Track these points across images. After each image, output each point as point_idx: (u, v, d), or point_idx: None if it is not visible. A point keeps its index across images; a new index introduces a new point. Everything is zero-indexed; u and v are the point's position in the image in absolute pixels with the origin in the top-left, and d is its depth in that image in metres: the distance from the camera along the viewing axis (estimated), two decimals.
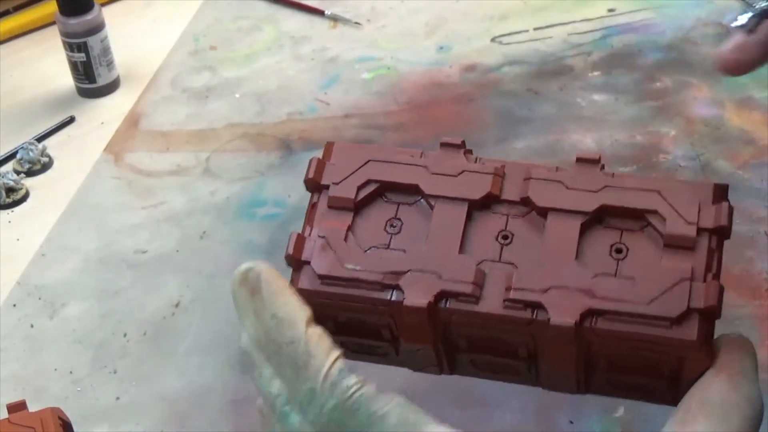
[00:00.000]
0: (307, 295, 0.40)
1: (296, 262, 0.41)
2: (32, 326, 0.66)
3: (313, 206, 0.42)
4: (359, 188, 0.41)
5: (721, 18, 0.87)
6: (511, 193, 0.41)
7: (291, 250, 0.41)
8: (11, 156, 0.80)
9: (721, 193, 0.40)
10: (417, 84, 0.84)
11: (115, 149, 0.80)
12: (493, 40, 0.88)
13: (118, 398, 0.61)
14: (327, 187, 0.42)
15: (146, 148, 0.80)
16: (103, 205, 0.75)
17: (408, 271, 0.39)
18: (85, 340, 0.65)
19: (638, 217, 0.40)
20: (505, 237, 0.40)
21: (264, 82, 0.86)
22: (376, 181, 0.42)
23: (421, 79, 0.85)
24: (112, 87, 0.87)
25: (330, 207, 0.42)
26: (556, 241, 0.39)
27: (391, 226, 0.41)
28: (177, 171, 0.78)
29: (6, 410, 0.52)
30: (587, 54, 0.85)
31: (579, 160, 0.43)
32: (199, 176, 0.77)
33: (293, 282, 0.41)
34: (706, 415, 0.37)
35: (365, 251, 0.40)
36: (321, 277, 0.40)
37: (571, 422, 0.57)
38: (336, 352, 0.37)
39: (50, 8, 0.92)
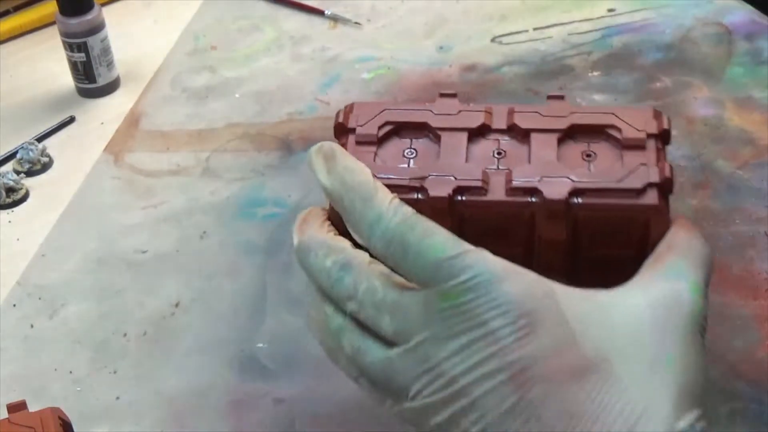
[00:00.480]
0: None
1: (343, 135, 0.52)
2: (32, 326, 0.66)
3: (342, 146, 0.51)
4: (379, 128, 0.51)
5: (721, 18, 0.87)
6: (500, 123, 0.51)
7: (337, 123, 0.52)
8: (11, 156, 0.80)
9: (658, 113, 0.52)
10: (417, 84, 0.84)
11: (115, 149, 0.80)
12: (493, 40, 0.88)
13: (118, 398, 0.61)
14: (353, 130, 0.51)
15: (146, 148, 0.80)
16: (103, 205, 0.75)
17: (428, 176, 0.49)
18: (84, 340, 0.65)
19: (600, 131, 0.50)
20: (499, 153, 0.50)
21: (264, 82, 0.86)
22: (392, 123, 0.51)
23: (421, 79, 0.85)
24: (112, 87, 0.87)
25: (357, 143, 0.51)
26: (540, 152, 0.49)
27: (408, 153, 0.51)
28: (177, 171, 0.78)
29: (6, 410, 0.52)
30: (587, 54, 0.85)
31: (549, 97, 0.52)
32: (199, 176, 0.77)
33: None
34: (674, 252, 0.47)
35: (390, 167, 0.50)
36: None
37: None
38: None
39: (50, 8, 0.92)
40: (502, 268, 0.43)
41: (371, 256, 0.46)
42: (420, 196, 0.48)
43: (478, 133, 0.51)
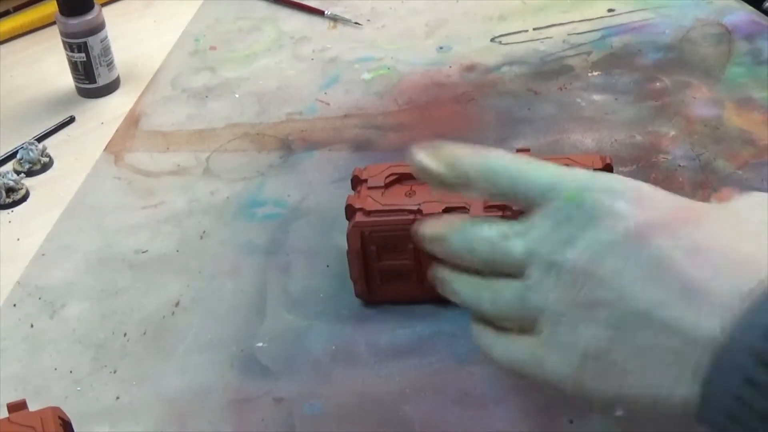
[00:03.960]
0: (361, 226, 0.62)
1: (352, 210, 0.63)
2: (32, 326, 0.66)
3: (357, 192, 0.64)
4: (386, 177, 0.64)
5: (721, 18, 0.87)
6: None
7: (348, 202, 0.63)
8: (11, 156, 0.80)
9: (604, 156, 0.64)
10: (417, 84, 0.84)
11: (115, 149, 0.80)
12: (492, 40, 0.89)
13: (118, 398, 0.61)
14: (365, 180, 0.65)
15: (146, 148, 0.80)
16: (103, 205, 0.75)
17: (423, 202, 0.62)
18: (85, 340, 0.65)
19: None
20: None
21: (264, 82, 0.86)
22: (395, 174, 0.65)
23: (421, 80, 0.85)
24: (112, 87, 0.87)
25: (368, 188, 0.64)
26: None
27: (408, 193, 0.64)
28: (177, 171, 0.78)
29: (6, 410, 0.52)
30: (587, 54, 0.85)
31: (517, 150, 0.65)
32: (199, 176, 0.77)
33: (352, 220, 0.62)
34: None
35: (394, 201, 0.63)
36: (369, 212, 0.62)
37: (571, 422, 0.57)
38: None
39: (50, 8, 0.92)
40: (599, 173, 0.49)
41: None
42: (418, 216, 0.61)
43: None
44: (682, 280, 0.44)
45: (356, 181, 0.66)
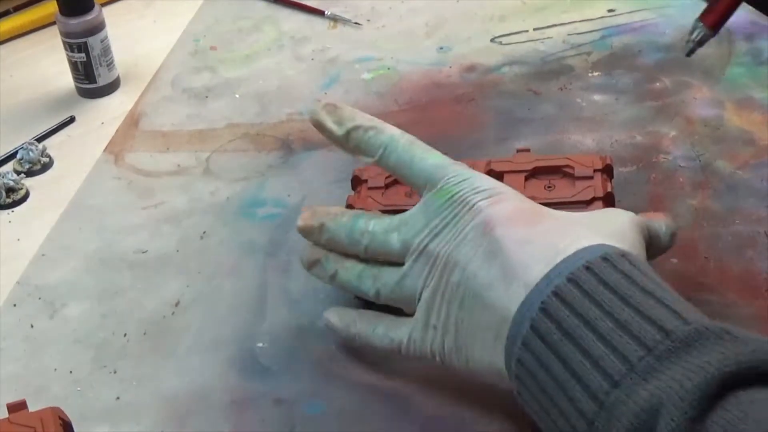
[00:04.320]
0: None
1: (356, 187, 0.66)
2: (32, 326, 0.66)
3: (357, 192, 0.66)
4: (386, 178, 0.65)
5: None
6: (479, 170, 0.61)
7: (348, 203, 0.65)
8: (11, 156, 0.80)
9: (604, 156, 0.66)
10: (417, 84, 0.84)
11: (115, 149, 0.80)
12: (492, 40, 0.88)
13: (118, 398, 0.61)
14: (366, 180, 0.66)
15: (146, 148, 0.80)
16: (104, 205, 0.75)
17: None
18: (85, 340, 0.65)
19: (557, 170, 0.65)
20: None
21: (264, 82, 0.86)
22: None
23: (421, 80, 0.85)
24: (112, 87, 0.87)
25: (368, 188, 0.66)
26: (511, 185, 0.58)
27: (407, 193, 0.65)
28: (177, 171, 0.78)
29: (6, 410, 0.52)
30: (587, 54, 0.85)
31: (518, 150, 0.68)
32: (200, 176, 0.77)
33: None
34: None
35: (394, 200, 0.65)
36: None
37: None
38: None
39: (50, 8, 0.92)
40: (480, 174, 0.56)
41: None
42: None
43: None
44: (507, 265, 0.51)
45: (356, 182, 0.67)
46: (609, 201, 0.63)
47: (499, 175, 0.64)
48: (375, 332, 0.58)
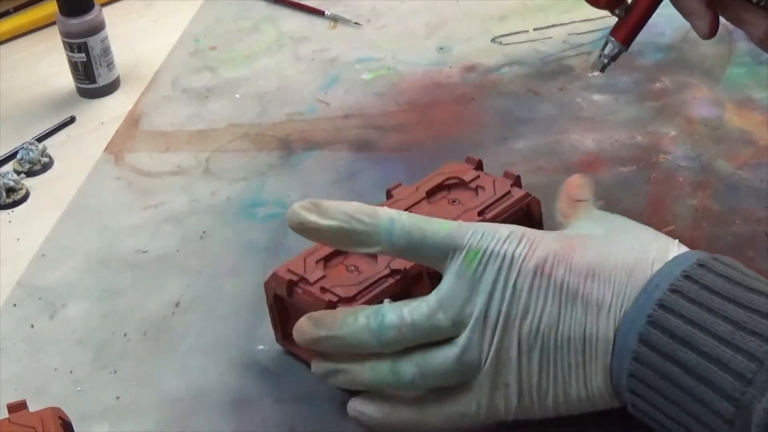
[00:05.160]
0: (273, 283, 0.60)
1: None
2: (33, 326, 0.66)
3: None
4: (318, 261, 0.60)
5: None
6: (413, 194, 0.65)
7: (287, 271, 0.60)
8: (11, 156, 0.80)
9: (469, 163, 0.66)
10: (417, 84, 0.84)
11: (115, 149, 0.80)
12: (493, 40, 0.88)
13: (118, 398, 0.61)
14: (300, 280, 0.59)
15: (146, 148, 0.80)
16: (104, 205, 0.75)
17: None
18: (85, 340, 0.65)
19: (444, 188, 0.65)
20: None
21: (264, 82, 0.86)
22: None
23: (421, 80, 0.85)
24: (112, 87, 0.87)
25: (310, 284, 0.59)
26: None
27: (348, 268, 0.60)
28: (177, 171, 0.78)
29: (6, 410, 0.52)
30: (587, 54, 0.85)
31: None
32: (200, 176, 0.77)
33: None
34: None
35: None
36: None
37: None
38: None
39: (50, 8, 0.92)
40: (492, 225, 0.54)
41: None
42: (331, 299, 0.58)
43: None
44: (589, 299, 0.51)
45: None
46: (519, 182, 0.65)
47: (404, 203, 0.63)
48: (427, 417, 0.54)
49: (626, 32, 0.65)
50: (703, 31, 0.62)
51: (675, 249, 0.52)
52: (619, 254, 0.52)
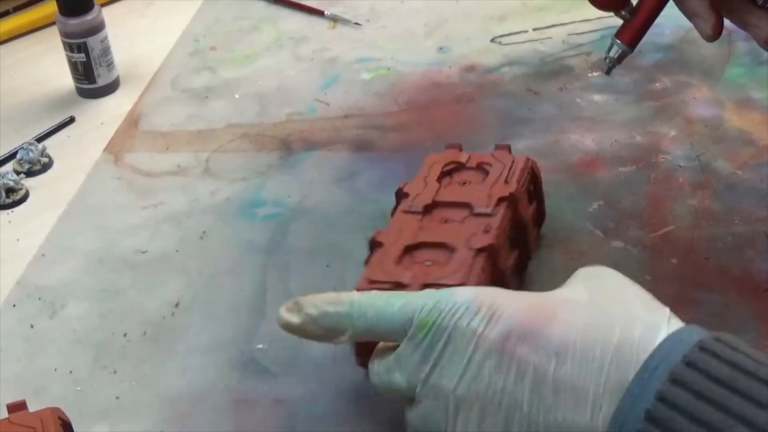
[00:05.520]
0: None
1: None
2: (32, 326, 0.66)
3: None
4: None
5: None
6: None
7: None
8: (11, 156, 0.80)
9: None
10: (417, 84, 0.84)
11: (115, 149, 0.80)
12: (492, 40, 0.89)
13: (118, 398, 0.61)
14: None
15: (146, 148, 0.80)
16: (103, 205, 0.75)
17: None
18: (85, 340, 0.65)
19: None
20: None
21: (264, 82, 0.86)
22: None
23: (421, 80, 0.85)
24: (112, 87, 0.87)
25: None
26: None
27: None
28: (177, 171, 0.78)
29: (6, 410, 0.52)
30: (587, 54, 0.85)
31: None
32: (199, 176, 0.77)
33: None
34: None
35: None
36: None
37: None
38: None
39: (50, 8, 0.92)
40: (448, 290, 0.50)
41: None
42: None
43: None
44: (554, 385, 0.45)
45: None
46: (510, 150, 0.65)
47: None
48: None
49: (632, 34, 0.65)
50: (707, 33, 0.61)
51: (665, 325, 0.46)
52: (600, 329, 0.46)
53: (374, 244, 0.60)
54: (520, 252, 0.63)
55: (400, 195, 0.64)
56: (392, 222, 0.61)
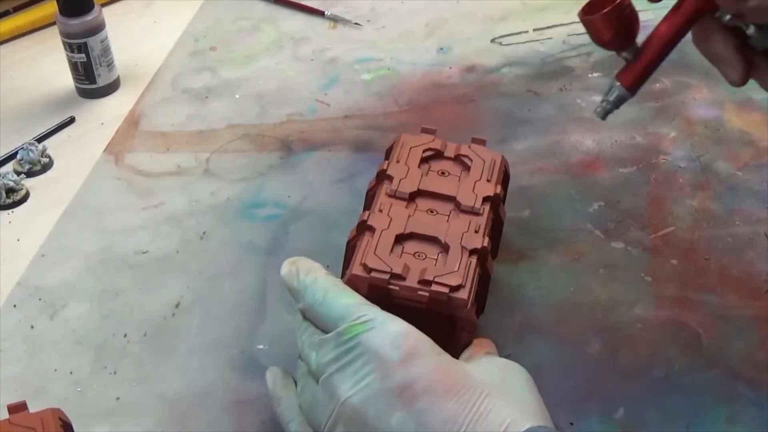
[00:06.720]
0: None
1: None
2: (32, 327, 0.66)
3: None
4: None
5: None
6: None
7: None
8: (11, 156, 0.80)
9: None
10: (417, 85, 0.84)
11: (115, 150, 0.80)
12: (492, 41, 0.89)
13: (118, 398, 0.61)
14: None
15: (146, 148, 0.80)
16: (104, 205, 0.75)
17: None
18: (85, 341, 0.65)
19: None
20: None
21: (264, 82, 0.86)
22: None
23: (421, 80, 0.85)
24: (112, 87, 0.87)
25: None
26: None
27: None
28: (177, 172, 0.78)
29: (7, 411, 0.52)
30: (587, 55, 0.85)
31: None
32: (200, 177, 0.77)
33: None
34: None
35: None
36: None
37: (572, 423, 0.57)
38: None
39: (50, 8, 0.92)
40: (390, 316, 0.53)
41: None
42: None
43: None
44: None
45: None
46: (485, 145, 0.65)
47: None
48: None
49: (633, 78, 0.59)
50: (734, 78, 0.57)
51: (527, 423, 0.49)
52: (491, 406, 0.50)
53: (364, 227, 0.60)
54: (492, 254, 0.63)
55: (383, 176, 0.64)
56: (378, 204, 0.61)
